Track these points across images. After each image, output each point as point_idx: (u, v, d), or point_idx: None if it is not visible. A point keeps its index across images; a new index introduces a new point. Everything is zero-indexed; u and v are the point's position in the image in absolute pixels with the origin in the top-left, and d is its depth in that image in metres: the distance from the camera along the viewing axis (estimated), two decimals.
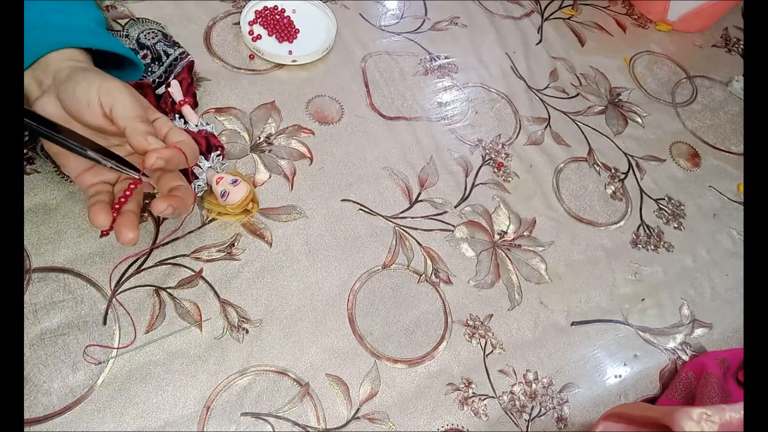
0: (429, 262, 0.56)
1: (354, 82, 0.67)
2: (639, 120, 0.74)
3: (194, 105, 0.57)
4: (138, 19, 0.60)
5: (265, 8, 0.68)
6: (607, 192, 0.66)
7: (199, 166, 0.52)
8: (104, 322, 0.47)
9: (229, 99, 0.61)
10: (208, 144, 0.53)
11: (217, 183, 0.51)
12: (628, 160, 0.70)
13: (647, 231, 0.64)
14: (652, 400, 0.55)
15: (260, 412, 0.46)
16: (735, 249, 0.66)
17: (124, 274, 0.49)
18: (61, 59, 0.43)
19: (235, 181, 0.51)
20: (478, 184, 0.63)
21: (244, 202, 0.52)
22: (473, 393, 0.51)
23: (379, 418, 0.48)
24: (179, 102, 0.55)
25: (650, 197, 0.67)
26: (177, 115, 0.55)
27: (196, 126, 0.55)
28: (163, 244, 0.51)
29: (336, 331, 0.51)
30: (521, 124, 0.69)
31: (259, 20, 0.67)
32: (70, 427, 0.43)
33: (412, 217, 0.58)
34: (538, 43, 0.78)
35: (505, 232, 0.60)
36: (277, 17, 0.67)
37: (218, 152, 0.54)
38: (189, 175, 0.50)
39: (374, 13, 0.74)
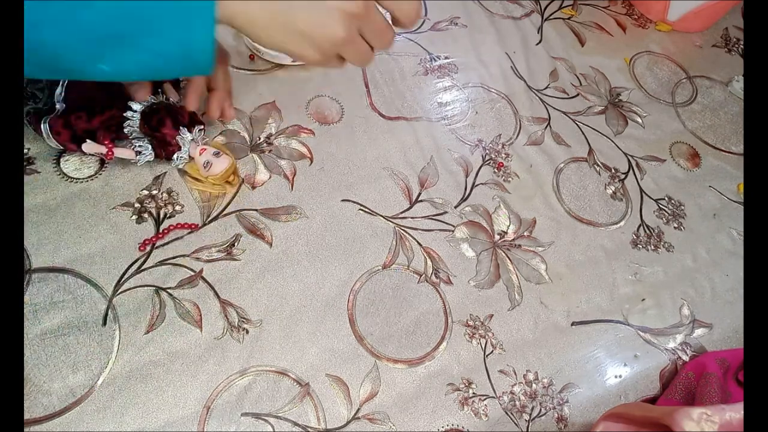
0: (429, 262, 0.56)
1: (354, 82, 0.67)
2: (639, 120, 0.74)
3: (177, 85, 0.56)
4: None
5: None
6: (607, 192, 0.66)
7: (182, 136, 0.52)
8: (104, 323, 0.47)
9: None
10: (191, 118, 0.53)
11: (201, 154, 0.52)
12: (628, 160, 0.70)
13: (647, 231, 0.64)
14: (652, 400, 0.55)
15: (260, 413, 0.46)
16: (735, 249, 0.66)
17: (124, 274, 0.49)
18: None
19: (218, 153, 0.52)
20: (478, 184, 0.63)
21: (226, 173, 0.52)
22: (473, 393, 0.51)
23: (380, 418, 0.48)
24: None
25: (650, 197, 0.67)
26: (159, 90, 0.54)
27: (177, 102, 0.54)
28: (164, 244, 0.51)
29: (336, 331, 0.51)
30: (521, 124, 0.69)
31: None
32: (70, 428, 0.43)
33: (412, 218, 0.58)
34: (538, 43, 0.78)
35: (506, 232, 0.60)
36: None
37: (201, 127, 0.54)
38: (171, 146, 0.52)
39: None
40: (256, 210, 0.55)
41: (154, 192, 0.53)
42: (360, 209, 0.58)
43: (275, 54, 0.64)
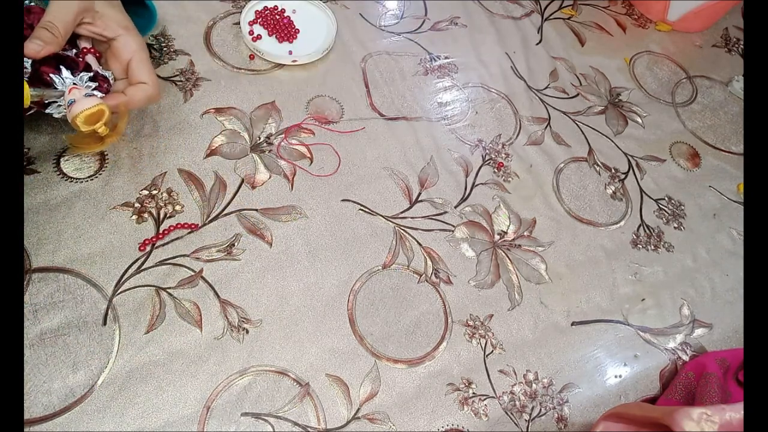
0: (429, 262, 0.56)
1: (354, 82, 0.67)
2: (639, 120, 0.74)
3: (100, 56, 0.52)
4: None
5: (265, 8, 0.68)
6: (607, 192, 0.66)
7: (59, 76, 0.46)
8: (104, 323, 0.47)
9: (229, 99, 0.61)
10: (86, 69, 0.48)
11: (69, 92, 0.45)
12: (628, 160, 0.70)
13: (647, 231, 0.64)
14: (652, 400, 0.55)
15: (260, 413, 0.46)
16: (735, 249, 0.66)
17: (124, 274, 0.49)
18: None
19: (90, 95, 0.45)
20: (478, 184, 0.63)
21: (91, 117, 0.45)
22: (473, 393, 0.51)
23: (380, 418, 0.48)
24: (83, 49, 0.50)
25: (650, 197, 0.67)
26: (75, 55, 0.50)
27: (95, 70, 0.49)
28: (164, 244, 0.51)
29: (336, 331, 0.51)
30: (521, 124, 0.69)
31: (259, 20, 0.67)
32: (70, 427, 0.43)
33: (412, 217, 0.58)
34: (538, 43, 0.78)
35: (505, 232, 0.60)
36: (277, 17, 0.67)
37: (91, 75, 0.48)
38: (43, 82, 0.46)
39: (374, 13, 0.74)
40: (256, 210, 0.55)
41: (154, 192, 0.53)
42: (360, 209, 0.58)
43: (275, 53, 0.64)
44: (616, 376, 0.55)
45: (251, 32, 0.66)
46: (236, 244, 0.53)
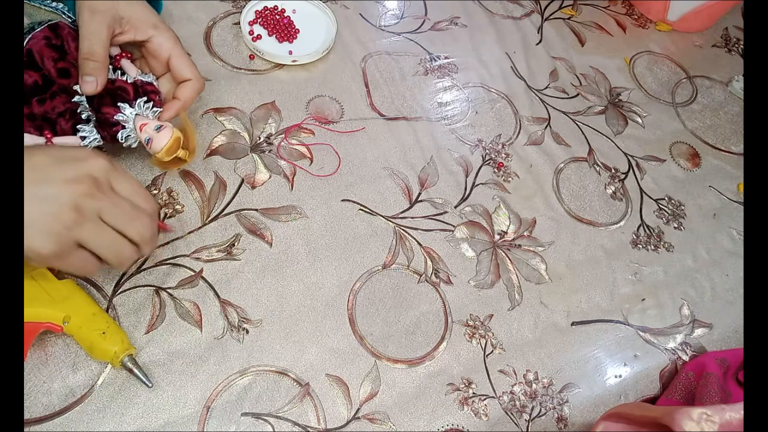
0: (429, 262, 0.56)
1: (354, 82, 0.67)
2: (639, 120, 0.74)
3: (133, 58, 0.53)
4: None
5: (265, 8, 0.68)
6: (607, 192, 0.66)
7: (122, 113, 0.48)
8: None
9: (229, 99, 0.61)
10: (136, 91, 0.50)
11: (141, 130, 0.48)
12: (628, 160, 0.70)
13: (647, 231, 0.64)
14: (652, 400, 0.55)
15: (260, 412, 0.46)
16: (735, 249, 0.66)
17: (124, 274, 0.49)
18: None
19: (160, 127, 0.48)
20: (478, 184, 0.63)
21: (171, 148, 0.48)
22: (473, 393, 0.51)
23: (380, 418, 0.48)
24: (117, 56, 0.51)
25: (650, 197, 0.67)
26: (112, 68, 0.51)
27: (134, 77, 0.51)
28: (164, 244, 0.51)
29: (336, 331, 0.51)
30: (521, 124, 0.69)
31: (259, 20, 0.67)
32: (70, 427, 0.43)
33: (412, 217, 0.58)
34: (538, 43, 0.78)
35: (505, 232, 0.60)
36: (277, 17, 0.67)
37: (146, 98, 0.50)
38: (114, 125, 0.48)
39: (374, 13, 0.74)
40: (256, 210, 0.55)
41: (154, 192, 0.53)
42: (360, 209, 0.58)
43: (275, 53, 0.64)
44: (616, 376, 0.55)
45: (251, 32, 0.66)
46: (236, 244, 0.53)
